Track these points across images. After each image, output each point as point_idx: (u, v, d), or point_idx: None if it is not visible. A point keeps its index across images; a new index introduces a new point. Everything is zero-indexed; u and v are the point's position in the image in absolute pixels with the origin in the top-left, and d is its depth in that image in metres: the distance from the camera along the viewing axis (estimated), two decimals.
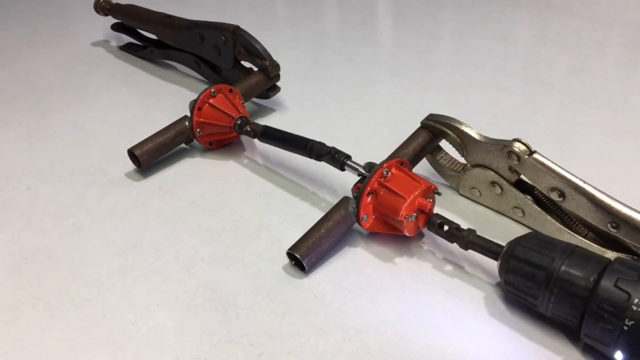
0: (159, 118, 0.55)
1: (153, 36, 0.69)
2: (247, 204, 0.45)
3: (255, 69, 0.57)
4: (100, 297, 0.37)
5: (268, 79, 0.57)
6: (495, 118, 0.57)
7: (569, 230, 0.39)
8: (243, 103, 0.51)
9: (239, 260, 0.40)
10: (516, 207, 0.42)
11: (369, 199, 0.38)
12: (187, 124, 0.50)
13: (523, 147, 0.39)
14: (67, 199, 0.46)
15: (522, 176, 0.41)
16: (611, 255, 0.36)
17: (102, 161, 0.51)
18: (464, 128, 0.43)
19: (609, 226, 0.36)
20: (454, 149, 0.45)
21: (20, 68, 0.70)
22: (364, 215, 0.38)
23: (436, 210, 0.39)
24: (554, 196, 0.39)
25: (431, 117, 0.45)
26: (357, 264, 0.39)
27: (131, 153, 0.48)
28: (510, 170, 0.41)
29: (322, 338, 0.34)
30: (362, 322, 0.35)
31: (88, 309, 0.36)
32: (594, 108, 0.59)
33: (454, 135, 0.43)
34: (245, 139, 0.54)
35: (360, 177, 0.40)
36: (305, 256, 0.37)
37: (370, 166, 0.40)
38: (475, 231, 0.37)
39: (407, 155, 0.43)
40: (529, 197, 0.41)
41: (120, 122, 0.57)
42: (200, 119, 0.49)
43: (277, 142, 0.46)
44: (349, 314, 0.35)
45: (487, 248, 0.36)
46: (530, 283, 0.32)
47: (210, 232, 0.42)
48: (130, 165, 0.49)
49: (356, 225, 0.40)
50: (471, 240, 0.36)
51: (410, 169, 0.41)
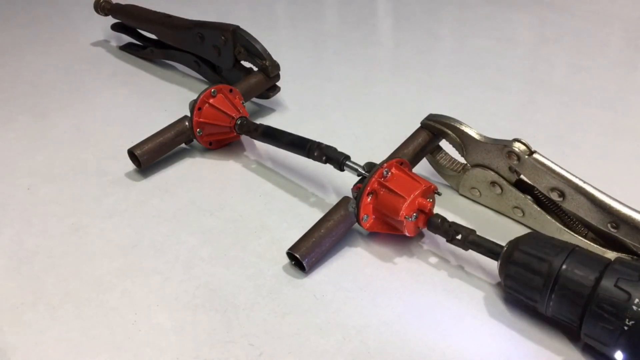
0: (159, 118, 0.55)
1: (153, 36, 0.69)
2: (247, 204, 0.45)
3: (255, 69, 0.57)
4: (100, 297, 0.37)
5: (268, 79, 0.57)
6: (495, 118, 0.57)
7: (569, 230, 0.39)
8: (243, 103, 0.51)
9: (239, 260, 0.40)
10: (516, 207, 0.42)
11: (369, 199, 0.38)
12: (187, 124, 0.50)
13: (523, 147, 0.39)
14: (67, 198, 0.46)
15: (522, 176, 0.41)
16: (611, 255, 0.36)
17: (102, 161, 0.51)
18: (464, 128, 0.43)
19: (609, 226, 0.36)
20: (454, 149, 0.45)
21: (20, 68, 0.70)
22: (364, 215, 0.38)
23: (436, 210, 0.39)
24: (554, 196, 0.39)
25: (431, 117, 0.45)
26: (357, 264, 0.39)
27: (131, 153, 0.48)
28: (510, 170, 0.41)
29: (322, 338, 0.34)
30: (362, 322, 0.35)
31: (88, 309, 0.36)
32: (594, 108, 0.59)
33: (454, 135, 0.43)
34: (245, 139, 0.54)
35: (360, 177, 0.40)
36: (305, 256, 0.37)
37: (370, 166, 0.40)
38: (475, 231, 0.37)
39: (407, 155, 0.43)
40: (529, 197, 0.41)
41: (120, 122, 0.57)
42: (200, 119, 0.49)
43: (277, 142, 0.46)
44: (349, 314, 0.35)
45: (487, 248, 0.36)
46: (530, 283, 0.32)
47: (210, 232, 0.42)
48: (130, 165, 0.49)
49: (356, 225, 0.40)
50: (471, 240, 0.36)
51: (410, 169, 0.41)
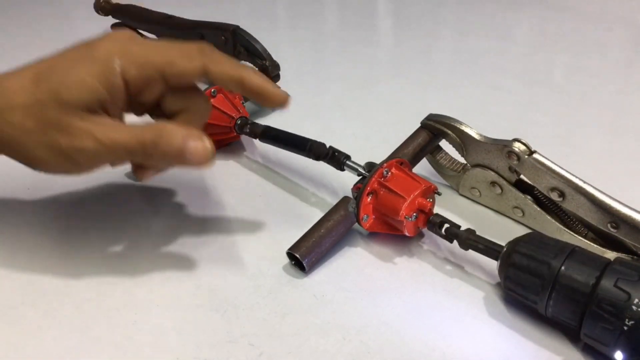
0: None
1: (153, 36, 0.69)
2: (247, 204, 0.45)
3: (256, 69, 0.57)
4: (100, 297, 0.37)
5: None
6: (495, 118, 0.57)
7: (569, 230, 0.39)
8: (243, 103, 0.51)
9: (239, 260, 0.40)
10: (516, 207, 0.42)
11: (369, 199, 0.38)
12: None
13: (523, 147, 0.40)
14: (66, 197, 0.46)
15: (522, 176, 0.41)
16: (611, 255, 0.36)
17: None
18: (464, 128, 0.43)
19: (609, 226, 0.36)
20: (454, 149, 0.45)
21: None
22: (364, 215, 0.38)
23: (436, 210, 0.39)
24: (554, 196, 0.39)
25: (431, 117, 0.45)
26: (357, 264, 0.39)
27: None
28: (510, 170, 0.41)
29: (322, 338, 0.34)
30: (362, 322, 0.35)
31: (88, 309, 0.36)
32: (594, 108, 0.59)
33: (454, 135, 0.43)
34: (245, 139, 0.54)
35: (360, 177, 0.40)
36: (305, 256, 0.37)
37: (370, 166, 0.40)
38: (475, 231, 0.37)
39: (407, 155, 0.43)
40: (529, 197, 0.41)
41: None
42: None
43: (277, 142, 0.46)
44: (349, 314, 0.35)
45: (487, 248, 0.36)
46: (530, 283, 0.32)
47: (210, 232, 0.42)
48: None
49: (356, 225, 0.40)
50: (471, 240, 0.36)
51: (410, 169, 0.41)
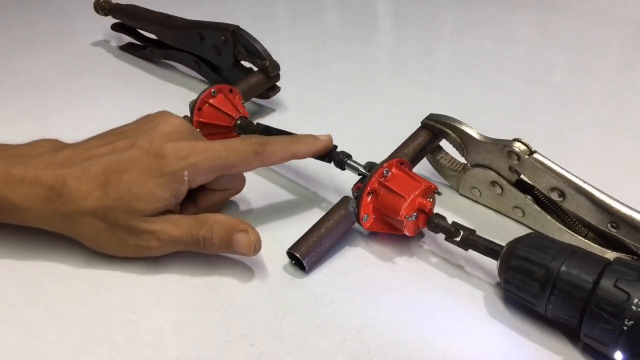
0: None
1: (153, 36, 0.69)
2: (247, 204, 0.45)
3: (255, 69, 0.57)
4: (100, 297, 0.37)
5: (268, 79, 0.57)
6: (495, 118, 0.57)
7: (569, 230, 0.39)
8: (243, 103, 0.51)
9: (239, 260, 0.40)
10: (516, 207, 0.42)
11: (369, 199, 0.38)
12: None
13: (523, 147, 0.40)
14: None
15: (522, 176, 0.41)
16: (611, 255, 0.36)
17: None
18: (464, 128, 0.43)
19: (609, 226, 0.36)
20: (454, 149, 0.45)
21: (21, 68, 0.70)
22: (364, 214, 0.38)
23: (436, 210, 0.39)
24: (554, 196, 0.39)
25: (431, 117, 0.45)
26: (357, 264, 0.39)
27: None
28: (510, 170, 0.41)
29: (322, 338, 0.34)
30: (362, 322, 0.35)
31: (88, 309, 0.36)
32: (594, 108, 0.59)
33: (454, 135, 0.44)
34: None
35: (360, 177, 0.40)
36: (305, 256, 0.37)
37: (371, 166, 0.40)
38: (475, 231, 0.37)
39: (407, 155, 0.43)
40: (529, 197, 0.41)
41: (120, 122, 0.57)
42: (200, 119, 0.49)
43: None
44: (349, 314, 0.35)
45: (487, 248, 0.36)
46: (530, 283, 0.32)
47: None
48: None
49: (356, 225, 0.40)
50: (471, 240, 0.36)
51: (411, 169, 0.41)
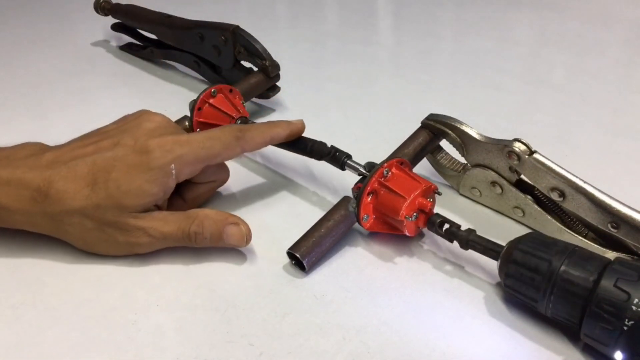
0: None
1: (153, 36, 0.69)
2: (247, 204, 0.45)
3: (255, 69, 0.57)
4: (100, 297, 0.37)
5: (268, 79, 0.57)
6: (495, 118, 0.57)
7: (569, 230, 0.39)
8: (243, 103, 0.51)
9: (239, 260, 0.40)
10: (516, 207, 0.42)
11: (369, 199, 0.38)
12: (187, 124, 0.50)
13: (523, 147, 0.40)
14: None
15: (523, 176, 0.41)
16: (611, 255, 0.36)
17: None
18: (464, 128, 0.43)
19: (609, 226, 0.36)
20: (454, 149, 0.45)
21: (20, 68, 0.70)
22: (364, 215, 0.38)
23: (436, 210, 0.39)
24: (554, 196, 0.39)
25: (431, 117, 0.45)
26: (357, 264, 0.39)
27: None
28: (510, 170, 0.41)
29: (322, 338, 0.34)
30: (362, 322, 0.35)
31: (88, 309, 0.36)
32: (594, 108, 0.59)
33: (454, 135, 0.43)
34: None
35: (360, 177, 0.40)
36: (305, 256, 0.37)
37: (371, 166, 0.40)
38: (475, 231, 0.37)
39: (407, 155, 0.43)
40: (529, 197, 0.41)
41: None
42: (200, 119, 0.49)
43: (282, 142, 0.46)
44: (349, 314, 0.35)
45: (487, 248, 0.36)
46: (530, 283, 0.32)
47: None
48: None
49: (356, 225, 0.40)
50: (471, 240, 0.36)
51: (411, 169, 0.41)
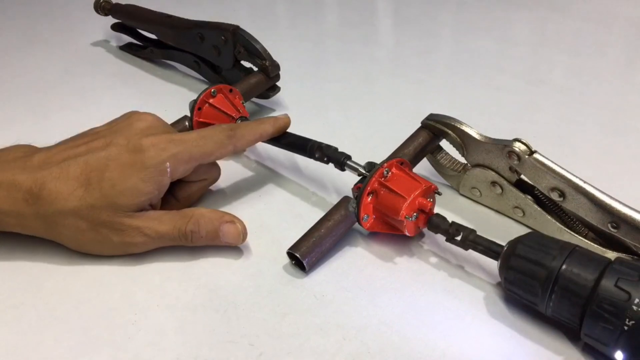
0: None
1: (153, 36, 0.69)
2: (247, 204, 0.45)
3: (255, 69, 0.57)
4: (100, 297, 0.37)
5: (268, 79, 0.57)
6: (495, 118, 0.57)
7: (569, 230, 0.39)
8: (243, 103, 0.51)
9: (239, 260, 0.40)
10: (516, 207, 0.42)
11: (369, 199, 0.38)
12: (187, 124, 0.50)
13: (523, 147, 0.39)
14: None
15: (523, 176, 0.41)
16: (611, 255, 0.36)
17: None
18: (464, 128, 0.43)
19: (609, 226, 0.36)
20: (454, 149, 0.45)
21: (21, 68, 0.70)
22: (364, 215, 0.38)
23: (436, 210, 0.39)
24: (554, 196, 0.39)
25: (431, 117, 0.45)
26: (357, 264, 0.39)
27: None
28: (510, 170, 0.41)
29: (322, 338, 0.34)
30: (362, 322, 0.35)
31: (88, 309, 0.36)
32: (594, 108, 0.59)
33: (454, 135, 0.43)
34: None
35: (360, 177, 0.40)
36: (305, 256, 0.37)
37: (371, 166, 0.40)
38: (475, 231, 0.37)
39: (407, 155, 0.43)
40: (529, 197, 0.41)
41: None
42: (200, 119, 0.49)
43: (277, 142, 0.46)
44: (349, 314, 0.35)
45: (487, 248, 0.36)
46: (530, 283, 0.32)
47: None
48: None
49: (356, 225, 0.40)
50: (471, 240, 0.36)
51: (411, 169, 0.41)
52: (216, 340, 0.34)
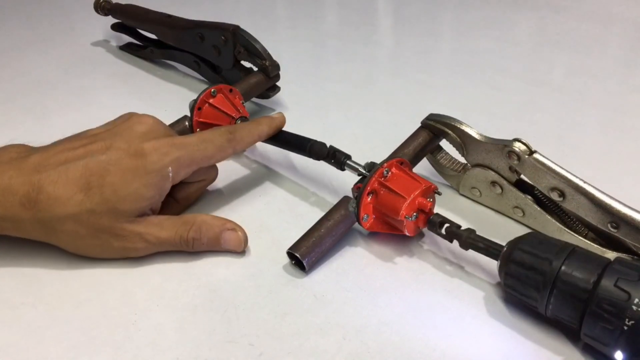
0: (158, 118, 0.55)
1: (153, 36, 0.69)
2: (247, 204, 0.45)
3: (255, 69, 0.57)
4: (100, 297, 0.37)
5: (268, 79, 0.57)
6: (495, 118, 0.57)
7: (569, 230, 0.39)
8: (243, 103, 0.51)
9: (239, 260, 0.40)
10: (516, 207, 0.42)
11: (369, 199, 0.38)
12: (186, 124, 0.50)
13: (523, 147, 0.39)
14: None
15: (523, 176, 0.41)
16: (611, 255, 0.36)
17: None
18: (464, 128, 0.43)
19: (609, 226, 0.36)
20: (454, 149, 0.45)
21: (21, 68, 0.70)
22: (364, 214, 0.38)
23: (436, 210, 0.39)
24: (554, 196, 0.39)
25: (431, 117, 0.45)
26: (357, 264, 0.39)
27: None
28: (510, 170, 0.41)
29: (322, 338, 0.34)
30: (362, 322, 0.35)
31: (88, 309, 0.36)
32: (594, 108, 0.59)
33: (454, 135, 0.43)
34: None
35: (360, 177, 0.40)
36: (305, 256, 0.37)
37: (371, 166, 0.40)
38: (475, 231, 0.37)
39: (407, 155, 0.43)
40: (529, 197, 0.41)
41: None
42: (200, 119, 0.49)
43: (277, 142, 0.46)
44: (349, 314, 0.35)
45: (487, 248, 0.36)
46: (530, 283, 0.32)
47: None
48: None
49: (356, 225, 0.40)
50: (471, 240, 0.36)
51: (411, 169, 0.41)
52: (216, 340, 0.34)
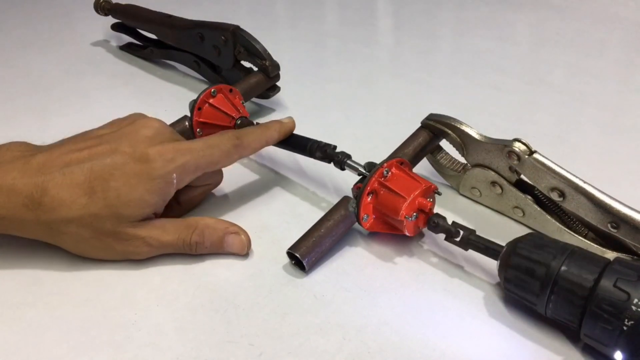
0: (159, 118, 0.55)
1: (153, 36, 0.69)
2: (248, 204, 0.45)
3: (255, 69, 0.57)
4: (100, 297, 0.37)
5: (268, 79, 0.57)
6: (495, 118, 0.57)
7: (569, 230, 0.39)
8: (243, 103, 0.51)
9: (239, 260, 0.40)
10: (516, 207, 0.42)
11: (369, 199, 0.38)
12: (186, 123, 0.50)
13: (523, 147, 0.40)
14: None
15: (523, 176, 0.41)
16: (611, 255, 0.36)
17: None
18: (464, 128, 0.43)
19: (609, 226, 0.36)
20: (454, 149, 0.45)
21: (21, 68, 0.70)
22: (364, 214, 0.38)
23: (436, 210, 0.39)
24: (554, 196, 0.39)
25: (431, 117, 0.45)
26: (357, 264, 0.39)
27: None
28: (510, 170, 0.41)
29: (322, 338, 0.34)
30: (362, 322, 0.35)
31: (88, 309, 0.36)
32: (594, 108, 0.59)
33: (454, 135, 0.44)
34: None
35: (360, 177, 0.40)
36: (305, 256, 0.37)
37: (371, 166, 0.40)
38: (475, 231, 0.37)
39: (407, 155, 0.43)
40: (529, 197, 0.41)
41: None
42: (200, 119, 0.49)
43: (277, 142, 0.46)
44: (349, 314, 0.35)
45: (487, 248, 0.36)
46: (530, 283, 0.32)
47: None
48: None
49: (356, 225, 0.40)
50: (471, 240, 0.36)
51: (411, 169, 0.41)
52: (216, 340, 0.34)
